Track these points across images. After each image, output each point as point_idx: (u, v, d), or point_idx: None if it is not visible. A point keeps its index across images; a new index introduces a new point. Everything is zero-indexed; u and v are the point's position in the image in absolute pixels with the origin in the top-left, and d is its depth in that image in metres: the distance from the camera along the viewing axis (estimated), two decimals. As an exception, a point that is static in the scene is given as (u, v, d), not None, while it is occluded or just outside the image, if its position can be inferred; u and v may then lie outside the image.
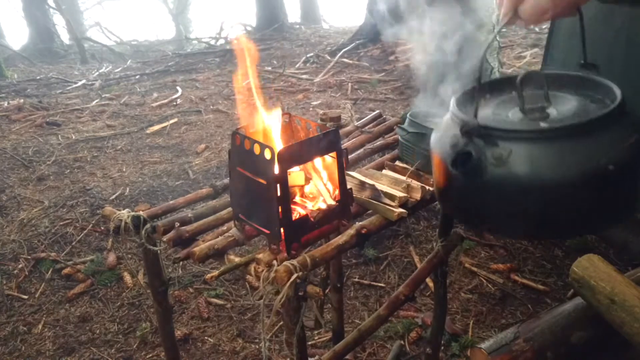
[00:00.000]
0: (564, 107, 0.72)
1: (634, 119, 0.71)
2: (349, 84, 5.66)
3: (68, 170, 4.04)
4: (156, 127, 4.88)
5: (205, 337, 2.38)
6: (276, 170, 1.10)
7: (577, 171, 0.64)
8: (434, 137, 0.82)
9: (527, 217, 0.70)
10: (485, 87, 0.81)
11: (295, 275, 1.08)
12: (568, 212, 0.69)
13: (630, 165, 0.68)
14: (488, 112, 0.75)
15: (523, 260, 2.64)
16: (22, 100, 5.81)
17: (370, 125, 1.97)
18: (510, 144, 0.65)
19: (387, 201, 1.32)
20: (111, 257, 2.93)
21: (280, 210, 1.12)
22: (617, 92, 0.72)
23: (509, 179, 0.65)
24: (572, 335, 1.54)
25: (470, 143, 0.66)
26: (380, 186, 1.38)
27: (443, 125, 0.78)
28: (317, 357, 1.54)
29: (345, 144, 1.79)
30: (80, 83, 6.92)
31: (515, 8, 0.53)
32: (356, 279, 2.65)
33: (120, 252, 3.02)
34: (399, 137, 1.58)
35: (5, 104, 5.71)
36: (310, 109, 5.04)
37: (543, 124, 0.68)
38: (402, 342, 2.22)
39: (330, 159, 1.25)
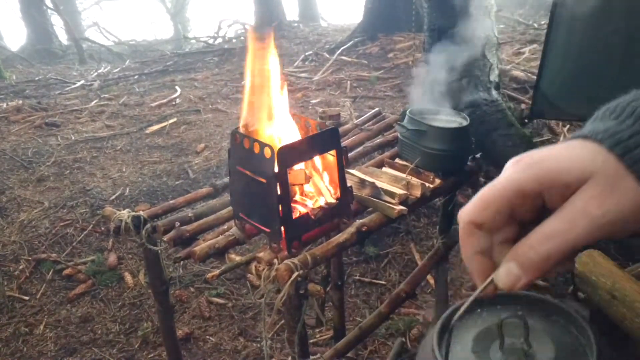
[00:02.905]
0: (545, 354, 0.72)
1: None
2: (348, 82, 5.65)
3: (68, 171, 4.04)
4: (155, 127, 4.88)
5: (207, 336, 2.39)
6: (276, 168, 1.10)
7: None
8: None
9: None
10: (468, 314, 0.79)
11: (296, 274, 1.08)
12: None
13: None
14: (467, 345, 0.74)
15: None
16: (20, 102, 5.80)
17: (370, 122, 1.97)
18: None
19: (387, 199, 1.32)
20: (112, 258, 2.93)
21: (280, 208, 1.12)
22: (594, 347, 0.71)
23: None
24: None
25: None
26: (380, 184, 1.38)
27: (423, 345, 0.78)
28: (318, 355, 1.54)
29: (345, 141, 1.79)
30: (79, 84, 6.90)
31: (486, 277, 0.48)
32: (357, 277, 2.65)
33: (120, 252, 3.02)
34: (399, 135, 1.58)
35: (4, 105, 5.70)
36: (310, 107, 5.04)
37: None
38: (403, 339, 2.22)
39: (330, 157, 1.25)
